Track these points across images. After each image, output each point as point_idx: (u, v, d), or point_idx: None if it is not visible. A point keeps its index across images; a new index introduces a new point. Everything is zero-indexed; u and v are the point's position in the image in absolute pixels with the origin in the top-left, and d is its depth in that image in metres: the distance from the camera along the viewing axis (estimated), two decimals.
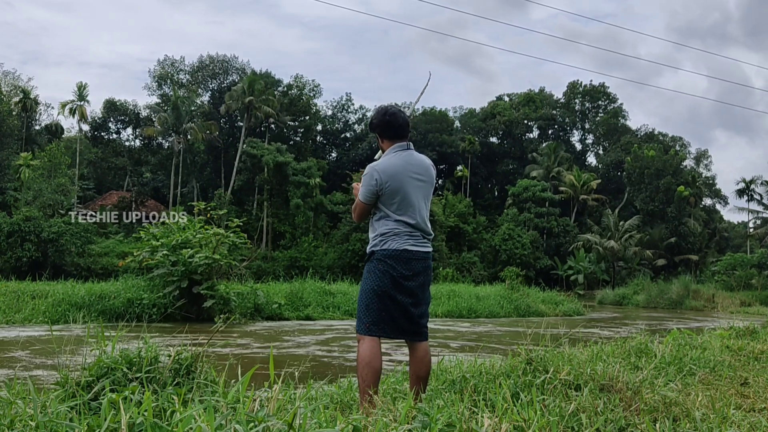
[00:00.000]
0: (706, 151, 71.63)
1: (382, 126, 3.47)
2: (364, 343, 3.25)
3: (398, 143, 3.46)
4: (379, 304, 3.28)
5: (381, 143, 3.52)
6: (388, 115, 3.46)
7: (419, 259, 3.35)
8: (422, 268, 3.36)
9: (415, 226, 3.35)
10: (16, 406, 2.39)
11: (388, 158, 3.41)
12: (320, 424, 2.30)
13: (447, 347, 11.52)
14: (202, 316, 15.36)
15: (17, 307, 15.05)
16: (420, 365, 3.33)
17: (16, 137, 43.08)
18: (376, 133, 3.54)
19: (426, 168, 3.47)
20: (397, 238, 3.32)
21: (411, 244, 3.33)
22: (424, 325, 3.41)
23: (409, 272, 3.31)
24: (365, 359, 3.19)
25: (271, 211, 45.13)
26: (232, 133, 53.39)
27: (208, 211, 18.02)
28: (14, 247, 30.32)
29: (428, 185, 3.47)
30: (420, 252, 3.36)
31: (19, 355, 9.15)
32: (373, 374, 3.15)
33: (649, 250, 48.88)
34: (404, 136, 3.48)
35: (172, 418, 2.19)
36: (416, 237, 3.36)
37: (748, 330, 8.30)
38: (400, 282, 3.29)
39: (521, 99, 65.39)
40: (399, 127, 3.45)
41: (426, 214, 3.45)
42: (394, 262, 3.29)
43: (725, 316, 22.63)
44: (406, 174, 3.36)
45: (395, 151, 3.44)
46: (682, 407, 3.32)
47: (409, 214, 3.35)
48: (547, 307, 23.39)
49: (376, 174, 3.33)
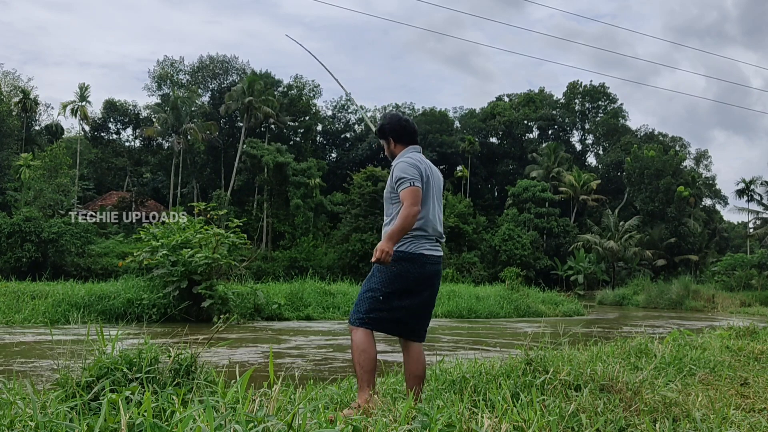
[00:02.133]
0: (706, 152, 71.83)
1: (399, 131, 3.51)
2: (358, 333, 3.25)
3: (414, 146, 3.51)
4: (385, 303, 3.27)
5: (393, 148, 3.53)
6: (403, 121, 3.54)
7: (433, 264, 3.36)
8: (434, 272, 3.38)
9: (432, 229, 3.37)
10: (16, 406, 2.39)
11: (414, 155, 3.43)
12: (320, 425, 2.29)
13: (446, 347, 11.52)
14: (202, 316, 15.35)
15: (17, 308, 15.03)
16: (417, 365, 3.35)
17: (16, 137, 43.11)
18: (389, 137, 3.54)
19: (438, 172, 3.55)
20: (415, 240, 3.32)
21: (427, 248, 3.35)
22: (424, 327, 3.45)
23: (423, 276, 3.31)
24: (360, 346, 3.19)
25: (271, 212, 45.14)
26: (232, 133, 53.40)
27: (208, 212, 18.02)
28: (14, 247, 30.31)
29: (441, 185, 3.53)
30: (434, 256, 3.37)
31: (18, 356, 9.14)
32: (370, 361, 3.16)
33: (649, 251, 48.88)
34: (416, 141, 3.55)
35: (172, 418, 2.19)
36: (431, 240, 3.38)
37: (748, 330, 8.29)
38: (412, 285, 3.29)
39: (521, 99, 65.40)
40: (414, 131, 3.54)
41: (441, 217, 3.47)
42: (410, 265, 3.29)
43: (725, 317, 22.63)
44: (427, 173, 3.39)
45: (412, 151, 3.47)
46: (682, 407, 3.32)
47: (429, 217, 3.36)
48: (547, 308, 23.38)
49: (415, 165, 3.32)
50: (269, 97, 47.83)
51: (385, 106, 65.36)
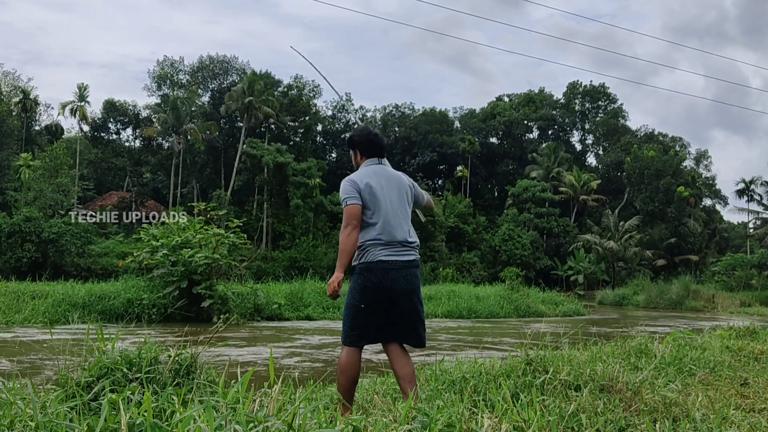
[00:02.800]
0: (706, 152, 71.82)
1: (366, 144, 3.59)
2: (343, 352, 3.36)
3: (372, 159, 3.58)
4: (360, 316, 3.35)
5: (358, 159, 3.64)
6: (371, 135, 3.60)
7: (398, 269, 3.35)
8: (401, 277, 3.35)
9: (389, 236, 3.37)
10: (16, 406, 2.39)
11: (363, 170, 3.53)
12: (320, 425, 2.29)
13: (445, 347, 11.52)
14: (202, 316, 15.36)
15: (17, 308, 15.03)
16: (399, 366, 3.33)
17: (16, 137, 43.09)
18: (356, 150, 3.63)
19: (399, 176, 3.56)
20: (371, 249, 3.36)
21: (386, 254, 3.35)
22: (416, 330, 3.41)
23: (386, 282, 3.32)
24: (342, 368, 3.31)
25: (271, 212, 45.13)
26: (232, 133, 53.39)
27: (208, 212, 18.02)
28: (14, 247, 30.31)
29: (403, 191, 3.52)
30: (398, 262, 3.36)
31: (19, 356, 9.14)
32: (347, 382, 3.27)
33: (649, 251, 48.87)
34: (381, 155, 3.61)
35: (172, 418, 2.19)
36: (391, 247, 3.37)
37: (748, 330, 8.29)
38: (379, 293, 3.32)
39: (521, 99, 65.39)
40: (381, 146, 3.60)
41: (404, 223, 3.46)
42: (370, 275, 3.34)
43: (725, 317, 22.63)
44: (379, 183, 3.44)
45: (368, 165, 3.56)
46: (682, 407, 3.32)
47: (384, 225, 3.37)
48: (547, 308, 23.37)
49: (353, 182, 3.42)
50: (269, 97, 47.82)
51: (385, 106, 65.47)
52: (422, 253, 39.54)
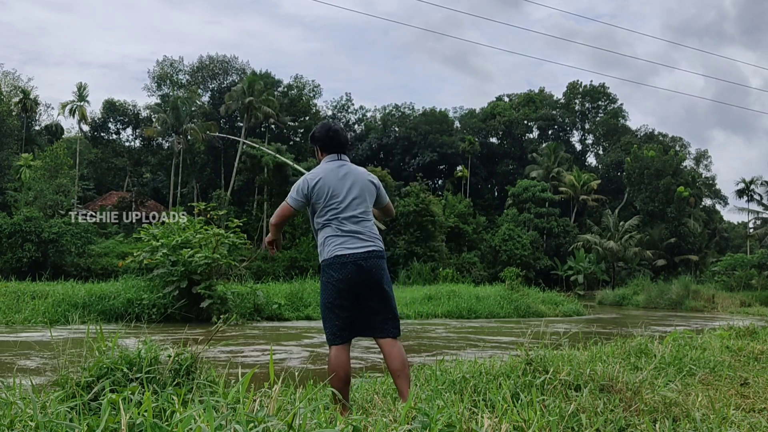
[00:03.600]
0: (706, 152, 71.76)
1: (326, 140, 3.61)
2: (330, 352, 3.38)
3: (331, 155, 3.60)
4: (331, 314, 3.37)
5: (319, 155, 3.67)
6: (331, 132, 3.61)
7: (356, 261, 3.35)
8: (363, 268, 3.35)
9: (346, 230, 3.40)
10: (16, 406, 2.39)
11: (321, 167, 3.56)
12: (320, 425, 2.29)
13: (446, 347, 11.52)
14: (202, 316, 15.36)
15: (17, 308, 15.04)
16: (392, 360, 3.36)
17: (16, 137, 43.08)
18: (316, 145, 3.66)
19: (358, 172, 3.56)
20: (330, 246, 3.40)
21: (344, 247, 3.37)
22: (387, 322, 3.42)
23: (348, 276, 3.33)
24: (331, 368, 3.33)
25: (271, 212, 45.09)
26: (232, 133, 53.42)
27: (208, 212, 18.03)
28: (14, 247, 30.30)
29: (362, 186, 3.52)
30: (355, 254, 3.36)
31: (19, 356, 9.14)
32: (338, 382, 3.27)
33: (649, 251, 48.88)
34: (341, 151, 3.62)
35: (172, 418, 2.19)
36: (349, 238, 3.39)
37: (748, 330, 8.29)
38: (343, 287, 3.33)
39: (521, 99, 65.39)
40: (341, 143, 3.62)
41: (362, 215, 3.46)
42: (331, 271, 3.36)
43: (725, 317, 22.64)
44: (335, 179, 3.46)
45: (328, 161, 3.58)
46: (682, 407, 3.32)
47: (339, 219, 3.41)
48: (547, 308, 23.38)
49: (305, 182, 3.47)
50: (269, 97, 47.83)
51: (385, 106, 65.49)
52: (422, 253, 39.56)
